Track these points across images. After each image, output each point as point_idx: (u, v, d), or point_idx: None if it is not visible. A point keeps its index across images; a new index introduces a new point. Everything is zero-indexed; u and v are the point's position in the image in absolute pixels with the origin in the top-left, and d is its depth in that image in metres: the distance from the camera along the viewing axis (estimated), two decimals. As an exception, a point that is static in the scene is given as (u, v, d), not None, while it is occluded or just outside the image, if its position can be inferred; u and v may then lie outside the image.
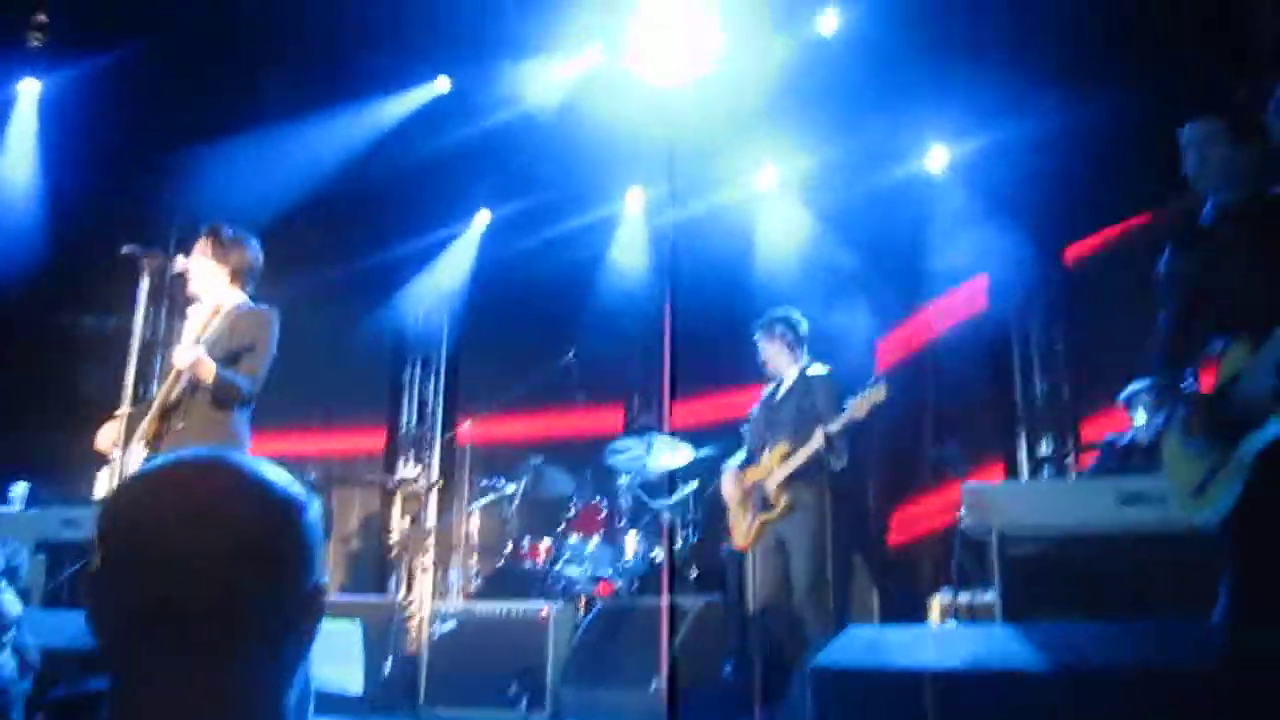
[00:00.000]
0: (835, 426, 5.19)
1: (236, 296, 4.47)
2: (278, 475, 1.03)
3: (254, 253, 4.57)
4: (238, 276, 4.49)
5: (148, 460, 4.19)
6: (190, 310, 4.55)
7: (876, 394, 5.12)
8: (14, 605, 4.60)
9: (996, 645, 2.40)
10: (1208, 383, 3.48)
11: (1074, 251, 8.28)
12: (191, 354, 4.06)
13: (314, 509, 1.05)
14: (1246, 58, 6.22)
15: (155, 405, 4.22)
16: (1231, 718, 2.04)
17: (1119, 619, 3.95)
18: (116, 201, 7.69)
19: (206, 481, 0.99)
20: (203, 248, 4.44)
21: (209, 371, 4.10)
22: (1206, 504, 3.32)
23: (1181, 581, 4.29)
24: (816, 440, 5.25)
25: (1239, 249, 3.37)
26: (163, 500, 0.97)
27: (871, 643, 2.61)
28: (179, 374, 4.12)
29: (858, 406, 5.14)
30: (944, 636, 2.98)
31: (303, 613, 1.00)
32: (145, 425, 4.22)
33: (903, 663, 2.46)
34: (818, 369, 5.63)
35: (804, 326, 5.75)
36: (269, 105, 7.60)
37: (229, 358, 4.21)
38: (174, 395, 4.20)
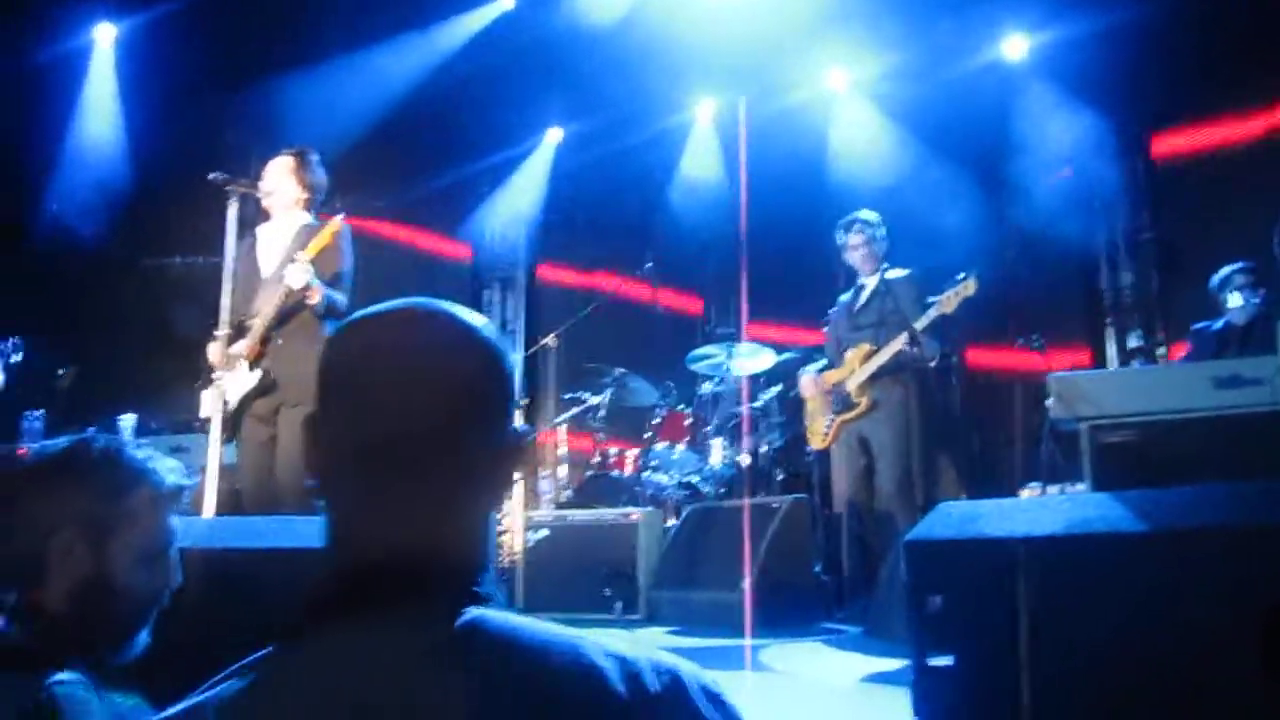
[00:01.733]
0: (923, 322, 5.15)
1: (307, 218, 4.60)
2: (485, 324, 1.08)
3: (322, 174, 4.71)
4: (311, 200, 4.63)
5: (252, 374, 4.34)
6: (260, 230, 4.67)
7: (966, 288, 5.07)
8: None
9: (1091, 511, 2.39)
10: None
11: (1161, 143, 8.03)
12: (306, 273, 4.20)
13: (512, 355, 1.10)
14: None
15: (261, 324, 4.36)
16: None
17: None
18: (196, 141, 7.81)
19: (426, 325, 1.04)
20: (287, 166, 4.56)
21: (318, 292, 4.25)
22: None
23: (1281, 461, 4.23)
24: (901, 338, 5.22)
25: None
26: (385, 341, 1.03)
27: (965, 516, 2.62)
28: (288, 291, 4.25)
29: (947, 301, 5.11)
30: (1037, 506, 2.97)
31: (508, 453, 1.06)
32: (248, 344, 4.37)
33: (996, 532, 2.47)
34: (899, 272, 5.58)
35: (883, 229, 5.69)
36: (337, 33, 7.63)
37: (326, 276, 4.35)
38: (276, 313, 4.34)
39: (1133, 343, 8.02)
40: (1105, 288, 8.22)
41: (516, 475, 1.15)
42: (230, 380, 4.36)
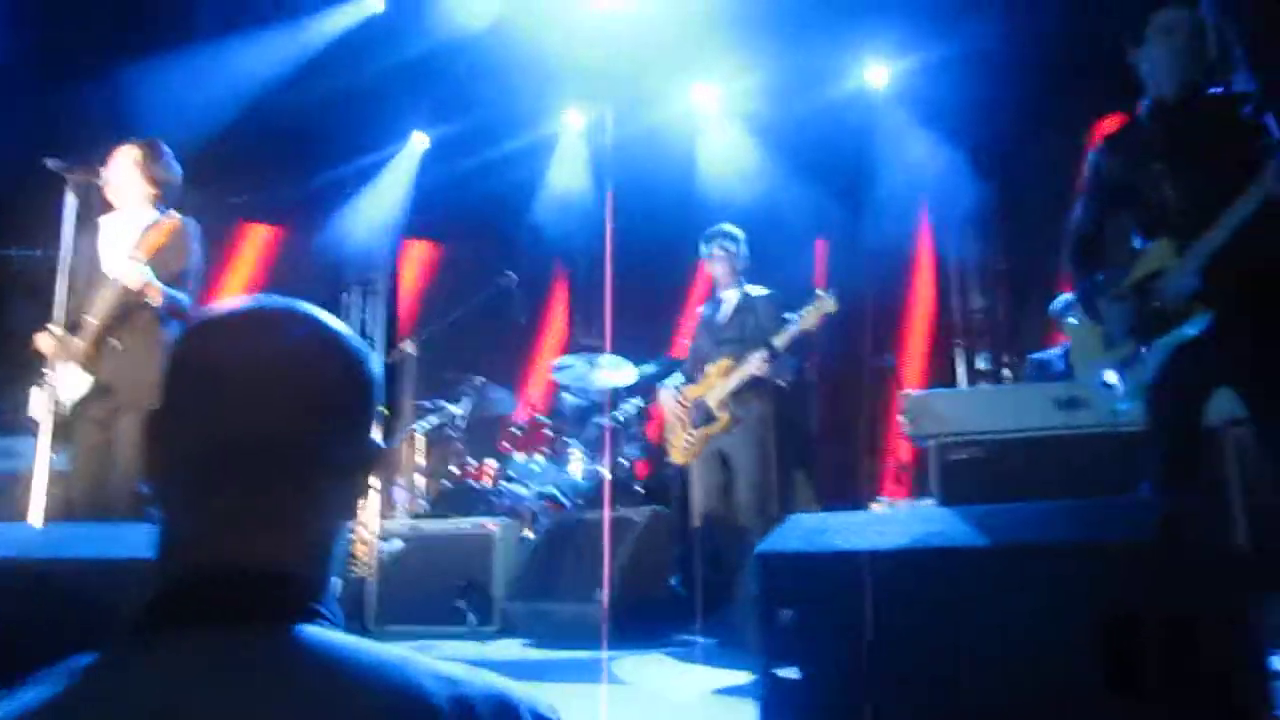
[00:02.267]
0: (782, 339, 5.22)
1: (154, 214, 4.39)
2: (346, 328, 1.03)
3: (178, 172, 4.51)
4: (158, 193, 4.43)
5: (85, 377, 4.12)
6: (103, 222, 4.45)
7: (825, 304, 5.15)
8: None
9: (935, 525, 2.45)
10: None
11: (1014, 170, 8.36)
12: (140, 273, 4.00)
13: (376, 363, 1.04)
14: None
15: (96, 324, 4.14)
16: (1165, 588, 2.10)
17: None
18: (37, 127, 7.43)
19: (284, 327, 0.99)
20: (133, 158, 4.36)
21: (157, 292, 4.05)
22: (1130, 391, 3.45)
23: (1117, 477, 4.42)
24: (761, 355, 5.28)
25: (1167, 148, 3.42)
26: (239, 341, 0.97)
27: (814, 529, 2.66)
28: (124, 291, 4.05)
29: (806, 318, 5.17)
30: (884, 520, 3.04)
31: (362, 467, 1.02)
32: (83, 345, 4.14)
33: (844, 545, 2.51)
34: (759, 289, 5.64)
35: (745, 245, 5.74)
36: (199, 22, 7.36)
37: (165, 276, 4.16)
38: (112, 313, 4.12)
39: (981, 364, 8.32)
40: (956, 310, 8.50)
41: (369, 488, 1.04)
42: (64, 382, 4.13)
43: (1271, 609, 3.95)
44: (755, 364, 5.33)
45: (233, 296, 1.03)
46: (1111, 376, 3.47)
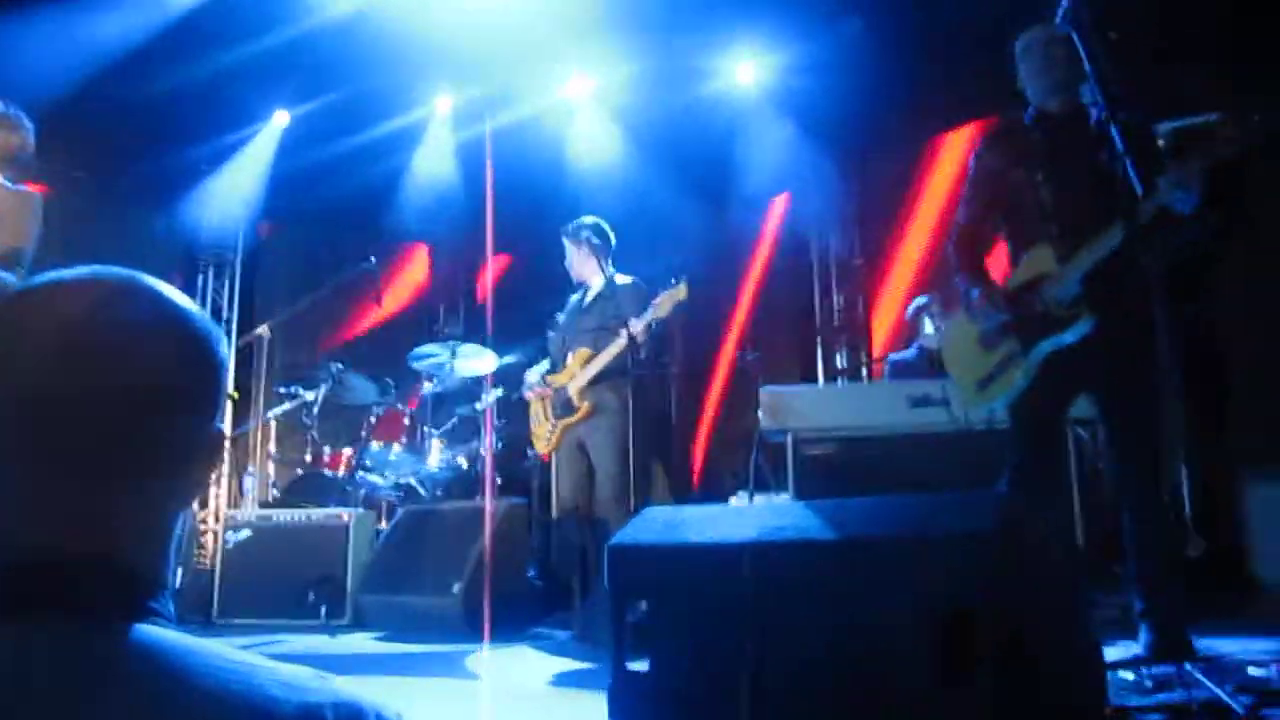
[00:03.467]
0: (639, 325, 5.22)
1: (2, 183, 4.17)
2: (194, 306, 0.95)
3: (27, 137, 4.28)
4: (6, 159, 4.20)
5: None
6: None
7: (678, 292, 5.18)
8: None
9: (789, 518, 2.46)
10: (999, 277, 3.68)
11: (871, 169, 8.56)
12: None
13: (224, 346, 0.97)
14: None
15: None
16: (1004, 580, 2.15)
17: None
18: None
19: (122, 300, 0.90)
20: None
21: None
22: (991, 396, 3.56)
23: (968, 475, 4.56)
24: (620, 341, 5.27)
25: (1051, 156, 3.53)
26: (70, 312, 0.88)
27: (667, 522, 2.65)
28: None
29: (660, 305, 5.19)
30: (739, 513, 3.06)
31: (202, 455, 0.94)
32: None
33: (696, 538, 2.51)
34: (624, 278, 5.63)
35: (610, 235, 5.73)
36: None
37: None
38: None
39: (840, 362, 8.49)
40: (817, 308, 8.67)
41: (211, 476, 0.98)
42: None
43: (1102, 605, 4.14)
44: (612, 351, 5.32)
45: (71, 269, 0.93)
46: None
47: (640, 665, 2.56)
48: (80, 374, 0.85)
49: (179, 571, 5.99)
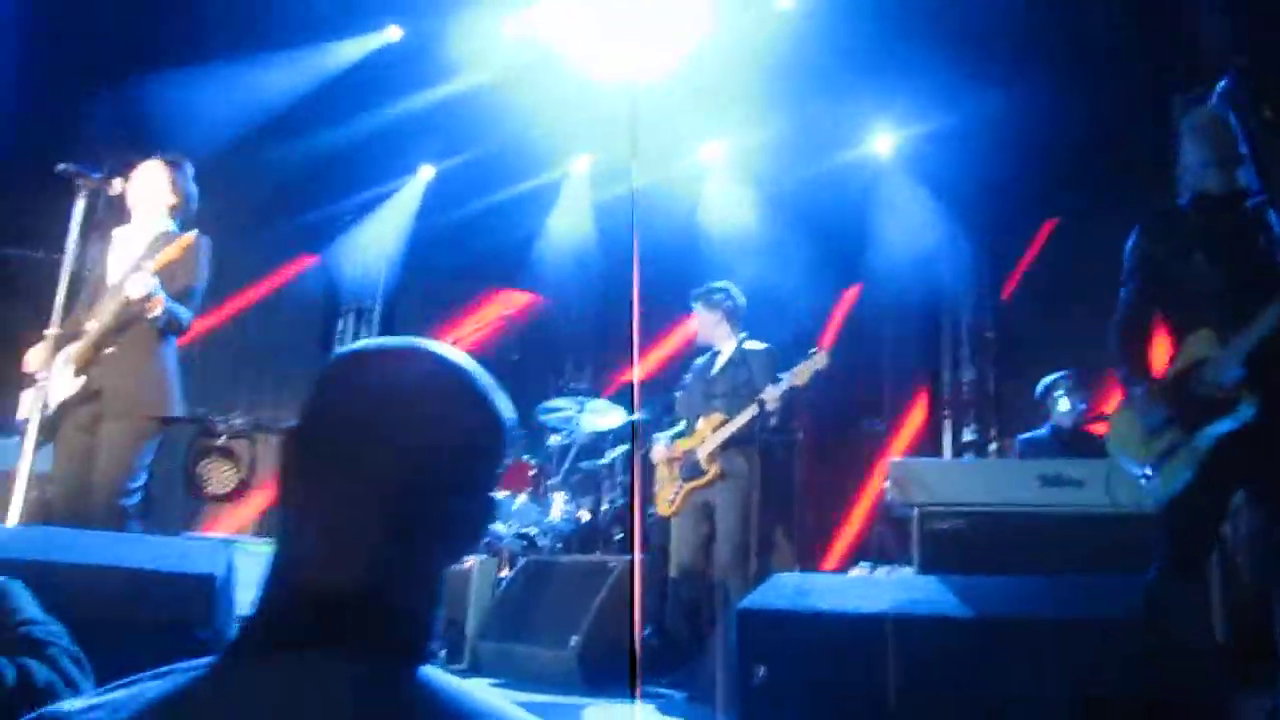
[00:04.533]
0: (775, 393, 5.23)
1: (168, 225, 4.43)
2: (482, 370, 1.06)
3: (195, 190, 4.55)
4: (179, 208, 4.47)
5: (76, 380, 4.12)
6: (117, 233, 4.47)
7: (818, 361, 5.19)
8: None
9: (923, 593, 2.45)
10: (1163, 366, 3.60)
11: (1007, 245, 8.46)
12: (147, 285, 4.02)
13: (508, 408, 1.06)
14: (1185, 72, 6.36)
15: (96, 330, 4.14)
16: (1151, 667, 2.10)
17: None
18: (43, 129, 7.46)
19: (439, 370, 1.02)
20: (158, 171, 4.40)
21: (159, 304, 4.07)
22: (1159, 485, 3.44)
23: (1097, 560, 4.44)
24: (752, 408, 5.29)
25: (1210, 239, 3.46)
26: (395, 380, 0.99)
27: (797, 588, 2.65)
28: (126, 301, 4.06)
29: (799, 374, 5.20)
30: (870, 583, 3.04)
31: (478, 518, 1.03)
32: (79, 349, 4.15)
33: (827, 606, 2.51)
34: (756, 344, 5.65)
35: (742, 300, 5.77)
36: (216, 40, 7.39)
37: (172, 289, 4.18)
38: (114, 321, 4.14)
39: (967, 436, 8.34)
40: (946, 381, 8.55)
41: (479, 539, 1.10)
42: (53, 384, 4.12)
43: (1245, 705, 3.95)
44: (746, 417, 5.34)
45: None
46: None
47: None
48: (397, 426, 0.95)
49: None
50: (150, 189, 4.40)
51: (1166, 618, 2.19)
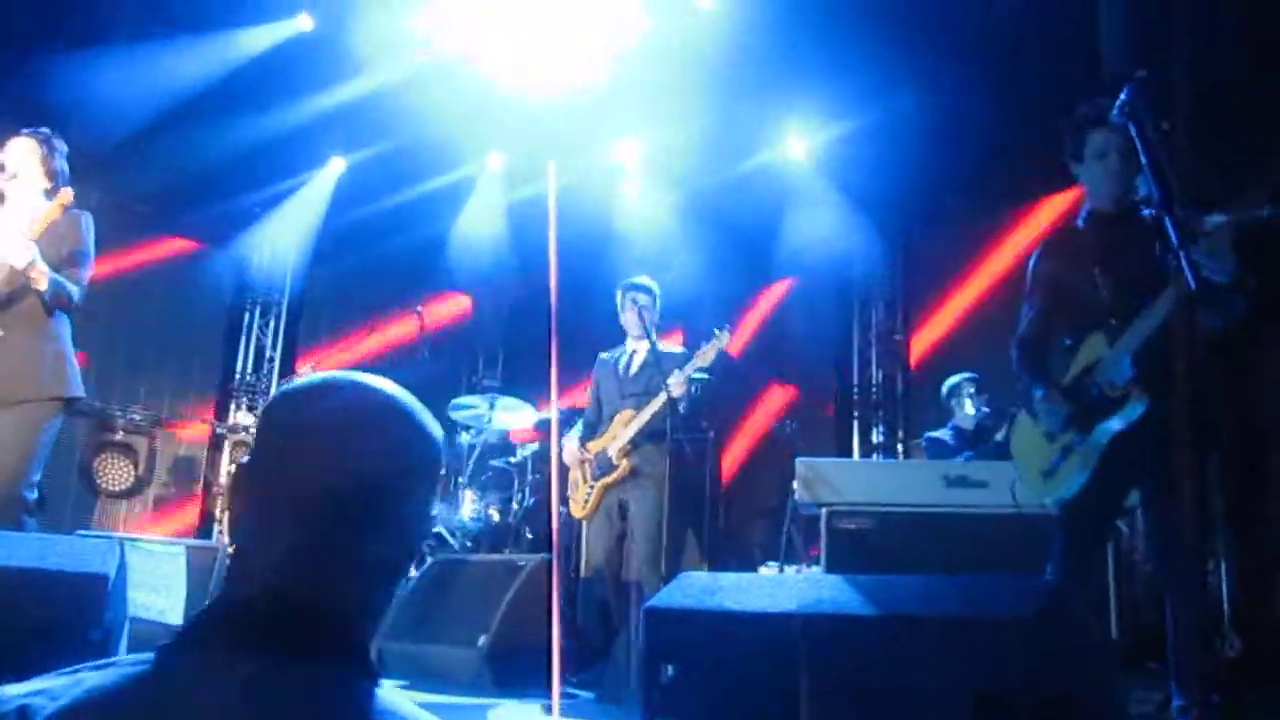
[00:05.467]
0: (680, 378, 5.27)
1: (46, 203, 4.26)
2: (416, 400, 1.16)
3: (66, 169, 4.39)
4: (54, 186, 4.30)
5: None
6: None
7: (721, 340, 5.27)
8: None
9: (828, 592, 2.47)
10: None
11: (917, 244, 8.62)
12: (28, 252, 3.85)
13: (440, 433, 1.18)
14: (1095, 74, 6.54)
15: None
16: (1047, 666, 2.14)
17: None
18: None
19: (365, 394, 1.12)
20: (29, 147, 4.23)
21: (43, 275, 3.92)
22: (1056, 486, 3.55)
23: (1000, 559, 4.55)
24: (661, 397, 5.31)
25: (1105, 252, 3.58)
26: (330, 402, 1.10)
27: (705, 587, 2.66)
28: (10, 270, 3.90)
29: (704, 354, 5.28)
30: (778, 583, 3.06)
31: (419, 530, 1.13)
32: None
33: (734, 605, 2.51)
34: (670, 346, 5.68)
35: (657, 299, 5.77)
36: (119, 20, 7.17)
37: (56, 263, 4.03)
38: None
39: (876, 437, 8.47)
40: (856, 382, 8.66)
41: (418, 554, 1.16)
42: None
43: (1137, 700, 4.08)
44: (654, 407, 5.36)
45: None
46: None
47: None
48: (343, 449, 1.06)
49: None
50: (20, 165, 4.23)
51: (1062, 617, 2.23)
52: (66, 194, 4.04)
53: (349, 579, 1.04)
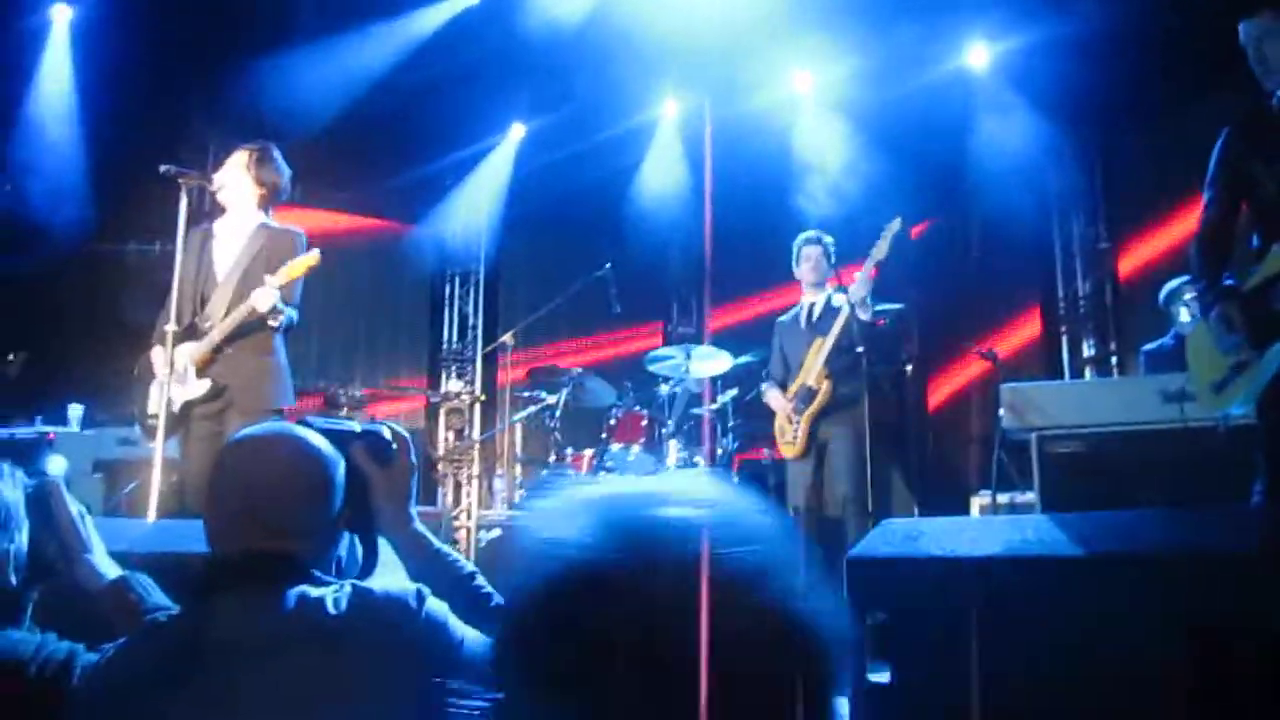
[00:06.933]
0: (865, 270, 5.29)
1: (261, 217, 4.55)
2: (323, 444, 1.77)
3: (286, 174, 4.64)
4: (269, 198, 4.57)
5: (201, 381, 4.30)
6: (217, 227, 4.60)
7: (892, 227, 5.28)
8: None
9: (1032, 533, 2.41)
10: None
11: (1117, 153, 8.15)
12: (273, 298, 4.18)
13: (340, 468, 1.79)
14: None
15: (217, 335, 4.30)
16: (1267, 601, 2.05)
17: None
18: (154, 125, 7.73)
19: (284, 446, 1.75)
20: (244, 162, 4.50)
21: (281, 315, 4.25)
22: (1226, 401, 3.33)
23: (1225, 475, 4.29)
24: (845, 312, 5.33)
25: None
26: (260, 453, 1.76)
27: (907, 534, 2.64)
28: (253, 312, 4.22)
29: (880, 246, 5.29)
30: (980, 526, 3.00)
31: (330, 521, 1.78)
32: (199, 351, 4.31)
33: (938, 551, 2.49)
34: (843, 295, 5.65)
35: (833, 251, 5.79)
36: (301, 20, 7.53)
37: (287, 295, 4.33)
38: (235, 327, 4.30)
39: (1087, 351, 8.12)
40: (1061, 296, 8.31)
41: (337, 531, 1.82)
42: (177, 386, 4.31)
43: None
44: (842, 319, 5.37)
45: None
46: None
47: (880, 676, 2.57)
48: (267, 488, 1.71)
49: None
50: (233, 181, 4.51)
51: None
52: (313, 258, 4.31)
53: (284, 541, 1.68)
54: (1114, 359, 7.89)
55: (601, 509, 0.84)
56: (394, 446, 1.88)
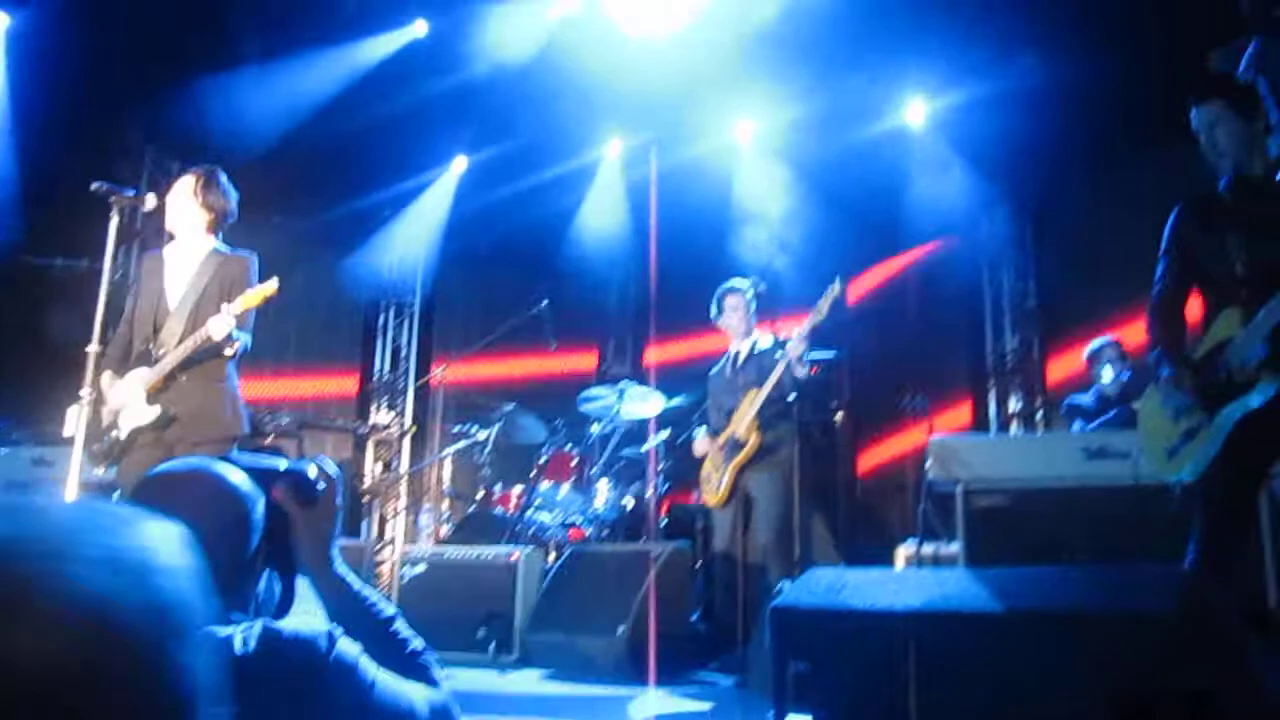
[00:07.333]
0: (803, 330, 5.30)
1: (212, 241, 4.48)
2: (242, 482, 1.73)
3: (234, 203, 4.58)
4: (217, 222, 4.50)
5: (150, 407, 4.20)
6: (167, 253, 4.52)
7: (834, 290, 5.26)
8: None
9: (954, 588, 2.43)
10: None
11: (1048, 211, 8.33)
12: (228, 326, 4.11)
13: (260, 506, 1.74)
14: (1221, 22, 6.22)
15: (170, 362, 4.21)
16: (1187, 662, 2.07)
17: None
18: (89, 139, 7.58)
19: (194, 483, 1.70)
20: (191, 188, 4.43)
21: (236, 343, 4.20)
22: (1178, 466, 3.40)
23: (1145, 534, 4.38)
24: (782, 363, 5.35)
25: (1242, 220, 3.39)
26: (176, 491, 1.68)
27: (831, 584, 2.64)
28: (208, 339, 4.14)
29: (819, 309, 5.28)
30: (903, 578, 3.02)
31: (247, 549, 1.72)
32: (152, 378, 4.22)
33: (860, 604, 2.50)
34: (767, 338, 5.72)
35: (753, 294, 5.85)
36: (243, 44, 7.45)
37: (240, 322, 4.26)
38: (188, 354, 4.21)
39: (1013, 406, 8.25)
40: (989, 351, 8.45)
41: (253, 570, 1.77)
42: (126, 411, 4.20)
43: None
44: (778, 373, 5.39)
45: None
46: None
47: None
48: (188, 518, 1.43)
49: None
50: (185, 208, 4.44)
51: (1207, 608, 2.15)
52: (271, 286, 4.25)
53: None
54: (1040, 414, 8.03)
55: None
56: (319, 486, 1.84)
